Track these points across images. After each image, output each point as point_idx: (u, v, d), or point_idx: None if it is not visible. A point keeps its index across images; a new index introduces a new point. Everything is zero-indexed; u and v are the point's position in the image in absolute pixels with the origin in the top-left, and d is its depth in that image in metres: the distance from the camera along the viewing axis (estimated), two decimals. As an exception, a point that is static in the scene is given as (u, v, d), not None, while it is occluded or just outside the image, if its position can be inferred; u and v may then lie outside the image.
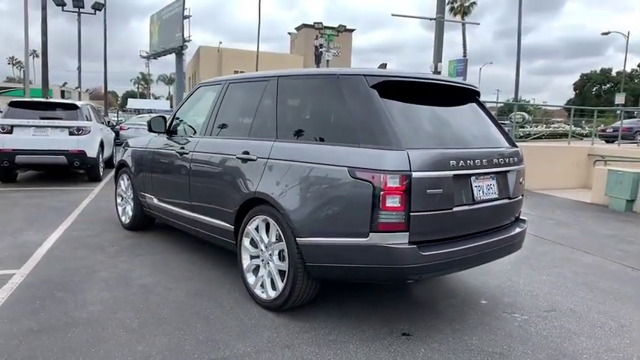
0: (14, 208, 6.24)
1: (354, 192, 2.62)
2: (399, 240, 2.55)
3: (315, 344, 2.70)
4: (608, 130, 19.09)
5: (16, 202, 6.72)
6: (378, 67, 3.04)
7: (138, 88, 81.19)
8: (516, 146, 3.40)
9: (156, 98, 72.09)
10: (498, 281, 3.92)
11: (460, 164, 2.74)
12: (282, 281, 3.02)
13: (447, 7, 51.68)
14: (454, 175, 2.70)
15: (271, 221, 3.08)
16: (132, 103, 45.60)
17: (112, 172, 10.22)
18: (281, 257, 3.09)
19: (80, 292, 3.38)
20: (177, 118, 4.48)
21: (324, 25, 25.84)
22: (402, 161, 2.52)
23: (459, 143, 2.95)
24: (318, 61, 26.04)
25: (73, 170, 8.90)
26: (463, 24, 50.65)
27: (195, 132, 4.29)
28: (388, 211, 2.52)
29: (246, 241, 3.34)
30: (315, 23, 26.34)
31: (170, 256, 4.29)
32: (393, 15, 18.20)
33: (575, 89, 72.31)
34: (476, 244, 2.84)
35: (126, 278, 3.71)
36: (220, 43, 47.65)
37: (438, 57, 10.64)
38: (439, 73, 10.90)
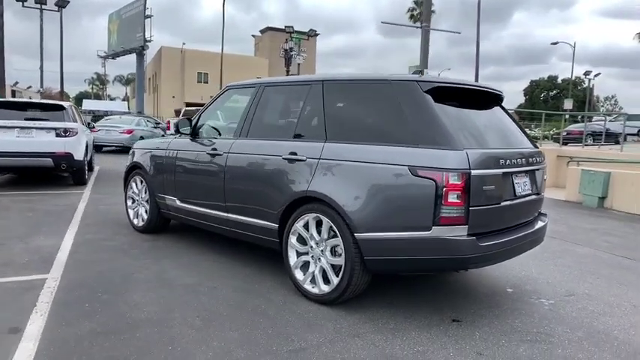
0: (8, 214, 6.02)
1: (417, 189, 2.82)
2: (460, 232, 2.78)
3: (380, 333, 2.87)
4: (574, 133, 19.72)
5: (6, 206, 6.48)
6: (413, 73, 3.26)
7: (92, 88, 78.11)
8: (537, 147, 3.72)
9: (111, 99, 69.71)
10: (514, 272, 4.23)
11: (506, 163, 3.01)
12: (337, 276, 3.18)
13: (407, 15, 53.43)
14: (503, 172, 2.97)
15: (324, 218, 3.23)
16: (87, 105, 43.88)
17: (95, 175, 10.03)
18: (333, 253, 3.25)
19: (125, 294, 3.39)
20: (203, 120, 4.53)
21: (284, 28, 25.92)
22: (462, 160, 2.75)
23: (500, 144, 3.22)
24: (288, 64, 26.13)
25: (57, 173, 8.62)
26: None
27: (221, 134, 4.37)
28: (450, 206, 2.74)
29: (292, 239, 3.47)
30: (285, 27, 26.44)
31: (197, 257, 4.33)
32: (382, 22, 18.79)
33: (525, 95, 76.11)
34: (517, 235, 3.12)
35: (164, 279, 3.74)
36: (184, 44, 46.79)
37: (424, 63, 11.13)
38: None
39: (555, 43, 38.68)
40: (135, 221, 5.28)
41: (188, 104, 46.52)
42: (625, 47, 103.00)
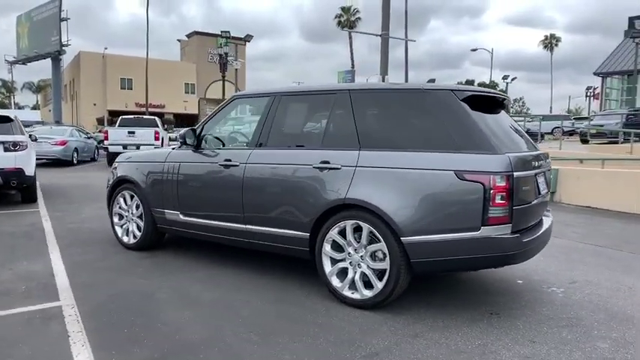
0: (-34, 238, 5.41)
1: (464, 192, 2.99)
2: (505, 231, 2.98)
3: (435, 331, 3.00)
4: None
5: (-43, 231, 5.81)
6: (428, 82, 3.44)
7: (-4, 96, 71.14)
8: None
9: (19, 108, 64.03)
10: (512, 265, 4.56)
11: (534, 164, 3.27)
12: (380, 280, 3.26)
13: (335, 21, 54.77)
14: (534, 174, 3.23)
15: (364, 225, 3.29)
16: (-6, 114, 39.90)
17: (39, 191, 9.23)
18: (373, 258, 3.33)
19: (160, 316, 3.22)
20: (207, 131, 4.40)
21: (211, 33, 25.40)
22: (506, 163, 2.96)
23: (524, 147, 3.49)
24: (223, 70, 25.64)
25: (3, 191, 7.85)
26: (350, 37, 53.81)
27: (224, 144, 4.29)
28: (497, 207, 2.94)
29: (327, 247, 3.50)
30: (222, 32, 25.92)
31: (208, 271, 4.20)
32: (349, 31, 18.87)
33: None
34: (542, 230, 3.40)
35: (189, 296, 3.59)
36: (106, 48, 44.16)
37: (384, 70, 11.52)
38: None
39: (475, 50, 41.52)
40: (124, 239, 4.98)
41: (111, 112, 44.10)
42: (530, 53, 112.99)
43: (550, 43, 70.99)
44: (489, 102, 3.57)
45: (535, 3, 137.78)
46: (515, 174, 2.99)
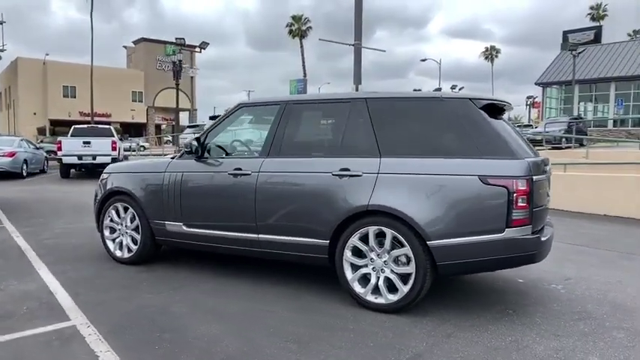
0: None
1: (488, 196, 3.14)
2: (527, 232, 3.16)
3: (465, 330, 3.11)
4: None
5: None
6: (434, 90, 3.61)
7: None
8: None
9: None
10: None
11: (544, 169, 3.49)
12: (405, 284, 3.34)
13: (286, 30, 55.00)
14: (546, 177, 3.44)
15: (388, 230, 3.37)
16: None
17: None
18: (397, 262, 3.40)
19: (187, 330, 3.13)
20: (211, 140, 4.33)
21: (160, 39, 24.79)
22: (526, 168, 3.14)
23: (530, 152, 3.70)
24: (177, 78, 25.01)
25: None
26: (302, 46, 54.29)
27: (228, 153, 4.26)
28: (519, 210, 3.11)
29: (348, 254, 3.54)
30: (176, 39, 25.27)
31: (216, 283, 4.10)
32: (320, 40, 19.08)
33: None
34: (551, 232, 3.62)
35: (207, 310, 3.51)
36: (47, 55, 41.84)
37: (357, 80, 11.69)
38: None
39: (424, 60, 43.18)
40: (117, 253, 4.77)
41: (53, 121, 41.80)
42: (470, 63, 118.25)
43: (491, 54, 75.01)
44: (497, 109, 3.76)
45: (474, 16, 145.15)
46: (535, 178, 3.18)
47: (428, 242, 3.23)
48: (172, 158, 4.69)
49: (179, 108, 27.54)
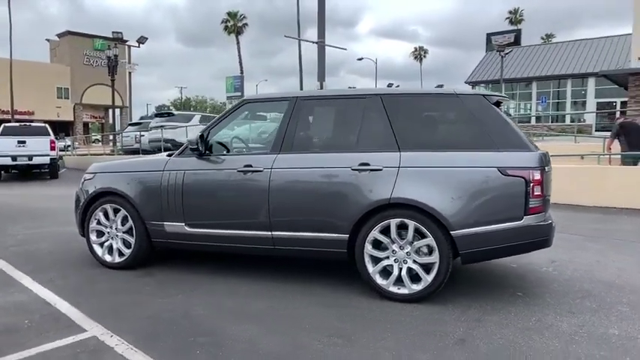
0: None
1: (508, 186, 3.33)
2: (542, 219, 3.39)
3: (491, 314, 3.28)
4: None
5: None
6: (436, 87, 3.80)
7: None
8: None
9: None
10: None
11: (549, 160, 3.74)
12: (428, 273, 3.46)
13: (222, 26, 53.86)
14: (550, 168, 3.70)
15: (410, 222, 3.47)
16: None
17: None
18: (418, 253, 3.51)
19: (221, 332, 3.03)
20: (214, 136, 4.19)
21: (87, 33, 23.33)
22: (540, 159, 3.37)
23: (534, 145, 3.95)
24: (112, 73, 23.62)
25: None
26: (238, 43, 53.39)
27: (229, 150, 4.18)
28: (535, 198, 3.33)
29: (368, 247, 3.60)
30: (113, 33, 23.80)
31: (226, 284, 4.00)
32: (285, 36, 18.52)
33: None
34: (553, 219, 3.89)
35: (228, 310, 3.42)
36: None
37: (321, 76, 11.67)
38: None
39: (360, 59, 43.97)
40: (107, 258, 4.49)
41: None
42: (399, 62, 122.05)
43: (419, 54, 78.29)
44: (498, 104, 3.99)
45: (400, 17, 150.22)
46: (546, 168, 3.42)
47: (451, 232, 3.36)
48: (168, 156, 4.49)
49: (114, 105, 26.03)
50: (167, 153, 4.73)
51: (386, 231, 3.56)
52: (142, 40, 23.24)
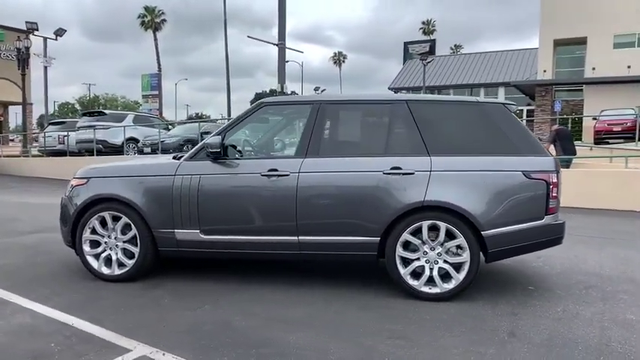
0: None
1: (532, 189, 3.60)
2: (557, 218, 3.72)
3: (523, 307, 3.52)
4: None
5: None
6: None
7: None
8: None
9: None
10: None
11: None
12: (458, 272, 3.63)
13: (138, 21, 51.17)
14: (559, 172, 4.06)
15: (442, 224, 3.62)
16: None
17: None
18: (449, 253, 3.68)
19: (277, 343, 2.94)
20: (230, 140, 4.04)
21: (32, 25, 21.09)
22: (556, 164, 3.70)
23: None
24: (23, 66, 21.34)
25: None
26: (155, 39, 50.93)
27: (242, 153, 4.09)
28: (553, 199, 3.64)
29: (399, 249, 3.70)
30: (27, 22, 21.36)
31: (252, 292, 3.88)
32: (248, 37, 17.39)
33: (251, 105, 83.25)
34: None
35: (268, 318, 3.33)
36: None
37: (282, 79, 11.43)
38: (285, 93, 11.74)
39: (287, 62, 43.96)
40: (105, 270, 4.13)
41: None
42: (316, 67, 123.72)
43: (339, 59, 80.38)
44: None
45: (317, 22, 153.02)
46: (560, 172, 3.75)
47: (482, 232, 3.57)
48: (174, 158, 4.24)
49: (25, 102, 23.60)
50: (172, 155, 4.47)
51: (416, 233, 3.68)
52: (59, 33, 21.27)
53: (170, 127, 17.35)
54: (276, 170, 3.84)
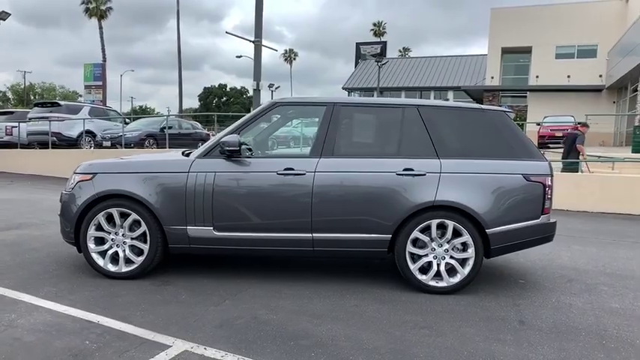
0: None
1: (531, 190, 3.95)
2: (550, 218, 4.09)
3: (521, 298, 3.85)
4: None
5: None
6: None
7: None
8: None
9: None
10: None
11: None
12: (463, 267, 3.92)
13: (82, 8, 48.67)
14: (548, 174, 4.44)
15: (450, 222, 3.89)
16: None
17: None
18: (455, 249, 3.95)
19: (312, 335, 3.08)
20: (245, 138, 4.09)
21: None
22: (550, 168, 4.07)
23: None
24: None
25: None
26: (100, 28, 48.62)
27: (253, 152, 4.21)
28: (548, 201, 4.02)
29: (410, 246, 3.93)
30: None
31: (267, 289, 3.97)
32: (227, 33, 16.41)
33: (199, 100, 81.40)
34: None
35: (293, 312, 3.45)
36: None
37: (257, 77, 11.24)
38: (259, 90, 11.54)
39: (240, 57, 43.30)
40: (111, 267, 4.06)
41: None
42: (265, 62, 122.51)
43: (290, 56, 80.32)
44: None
45: (266, 17, 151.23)
46: (553, 175, 4.13)
47: (487, 230, 3.87)
48: (183, 154, 4.24)
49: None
50: (182, 152, 4.45)
51: (424, 230, 3.92)
52: (3, 16, 19.83)
53: (128, 120, 16.74)
54: (292, 169, 3.95)
